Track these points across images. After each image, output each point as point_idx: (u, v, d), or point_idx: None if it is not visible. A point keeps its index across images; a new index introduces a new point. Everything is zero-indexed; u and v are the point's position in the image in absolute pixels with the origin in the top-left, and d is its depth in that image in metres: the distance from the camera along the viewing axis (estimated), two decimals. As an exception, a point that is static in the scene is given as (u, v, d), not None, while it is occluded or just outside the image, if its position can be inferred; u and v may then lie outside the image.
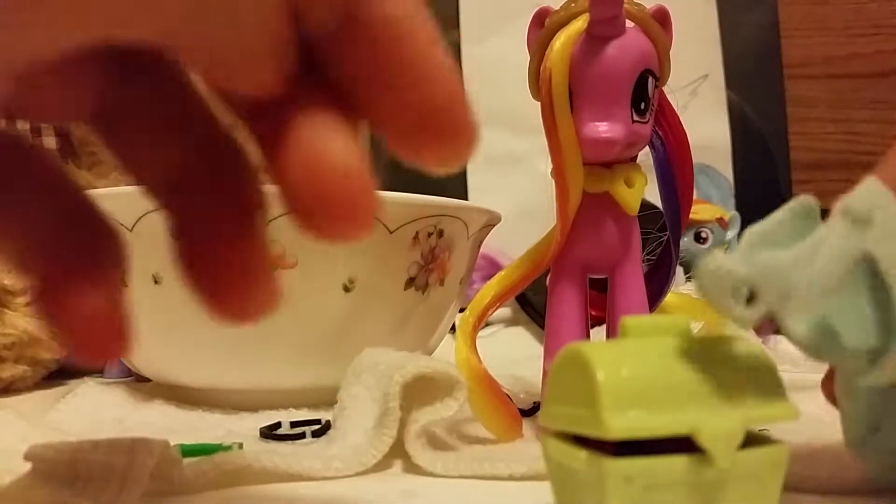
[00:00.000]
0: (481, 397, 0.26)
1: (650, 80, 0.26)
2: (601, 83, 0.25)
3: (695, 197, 0.63)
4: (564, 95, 0.25)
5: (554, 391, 0.18)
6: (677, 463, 0.15)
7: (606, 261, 0.28)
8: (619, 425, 0.15)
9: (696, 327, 0.31)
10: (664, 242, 0.30)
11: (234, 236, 0.15)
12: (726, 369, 0.16)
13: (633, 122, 0.26)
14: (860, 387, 0.18)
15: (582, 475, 0.16)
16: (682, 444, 0.15)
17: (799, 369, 0.41)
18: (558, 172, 0.26)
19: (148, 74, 0.16)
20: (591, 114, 0.25)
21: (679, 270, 0.64)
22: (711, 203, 0.68)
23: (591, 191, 0.27)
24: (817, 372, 0.21)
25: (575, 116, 0.25)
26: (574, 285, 0.28)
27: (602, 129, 0.25)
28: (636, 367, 0.16)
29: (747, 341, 0.17)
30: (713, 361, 0.16)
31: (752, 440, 0.16)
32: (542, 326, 0.55)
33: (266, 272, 0.15)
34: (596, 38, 0.25)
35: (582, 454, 0.16)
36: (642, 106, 0.26)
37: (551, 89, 0.25)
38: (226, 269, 0.15)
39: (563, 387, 0.17)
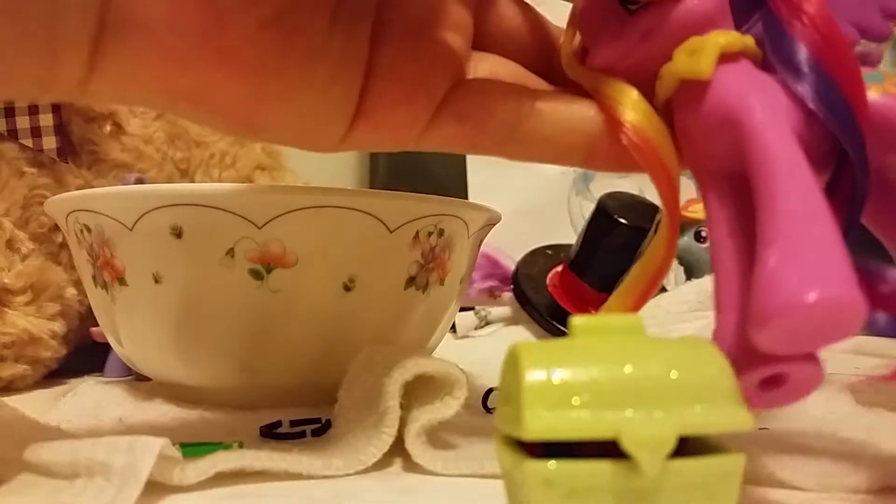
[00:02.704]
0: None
1: None
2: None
3: (695, 196, 0.63)
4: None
5: (500, 390, 0.17)
6: (601, 468, 0.14)
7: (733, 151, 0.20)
8: (535, 426, 0.14)
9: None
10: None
11: None
12: (674, 372, 0.15)
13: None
14: None
15: (512, 477, 0.16)
16: (619, 450, 0.14)
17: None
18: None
19: None
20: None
21: (679, 271, 0.63)
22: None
23: (661, 101, 0.22)
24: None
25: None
26: (722, 198, 0.21)
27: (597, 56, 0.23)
28: (573, 367, 0.15)
29: (706, 344, 0.16)
30: (661, 363, 0.15)
31: (708, 448, 0.15)
32: (542, 326, 0.55)
33: None
34: None
35: (508, 455, 0.15)
36: None
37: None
38: None
39: (504, 386, 0.17)
